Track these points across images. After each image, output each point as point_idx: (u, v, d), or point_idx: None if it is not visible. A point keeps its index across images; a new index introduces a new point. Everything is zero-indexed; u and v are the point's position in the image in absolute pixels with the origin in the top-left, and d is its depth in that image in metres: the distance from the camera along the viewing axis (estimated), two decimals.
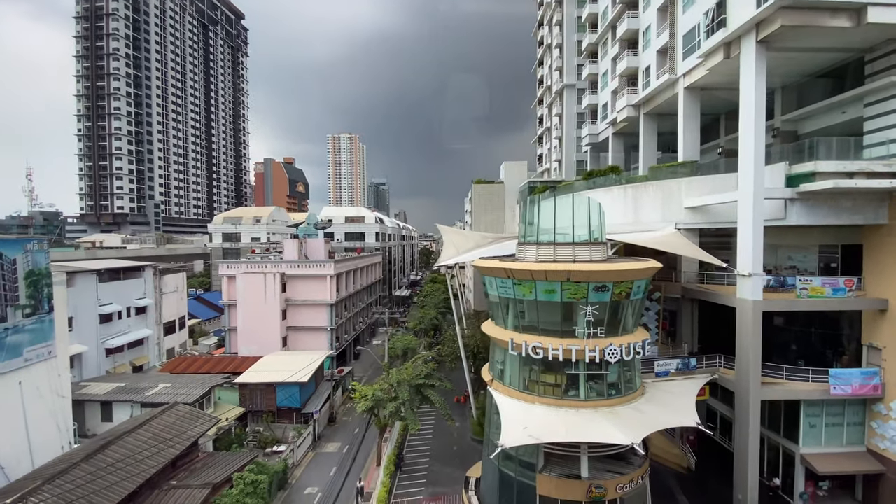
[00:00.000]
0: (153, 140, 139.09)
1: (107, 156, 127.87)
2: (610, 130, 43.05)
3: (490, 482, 25.27)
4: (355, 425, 39.56)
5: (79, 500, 19.26)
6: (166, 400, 30.48)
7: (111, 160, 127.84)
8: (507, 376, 24.29)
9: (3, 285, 22.59)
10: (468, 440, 35.76)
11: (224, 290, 49.15)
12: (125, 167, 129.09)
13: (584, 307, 21.56)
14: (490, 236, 47.27)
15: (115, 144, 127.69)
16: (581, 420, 21.13)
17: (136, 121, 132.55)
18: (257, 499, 23.57)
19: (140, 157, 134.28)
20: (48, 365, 25.14)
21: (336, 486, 29.72)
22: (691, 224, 29.28)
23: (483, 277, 26.07)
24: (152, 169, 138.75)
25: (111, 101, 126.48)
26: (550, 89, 64.46)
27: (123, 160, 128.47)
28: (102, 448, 22.44)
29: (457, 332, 37.16)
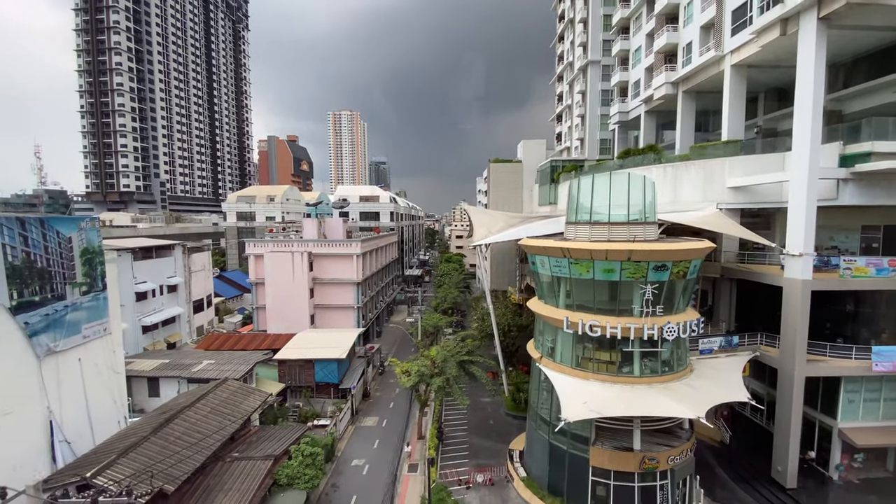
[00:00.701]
0: (157, 117, 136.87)
1: (111, 133, 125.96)
2: (642, 108, 42.50)
3: (538, 454, 26.03)
4: (389, 400, 40.41)
5: (156, 472, 19.85)
6: (213, 376, 31.00)
7: (115, 137, 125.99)
8: (557, 353, 24.73)
9: (62, 263, 22.67)
10: (502, 414, 36.63)
11: (251, 269, 49.34)
12: (130, 144, 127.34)
13: (644, 286, 21.80)
14: (518, 216, 47.28)
15: (118, 121, 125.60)
16: (638, 396, 21.64)
17: (139, 97, 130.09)
18: (315, 469, 24.31)
19: (144, 134, 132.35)
20: (104, 342, 25.46)
21: (381, 458, 30.56)
22: (733, 204, 29.30)
23: (532, 257, 26.21)
24: (156, 147, 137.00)
25: (113, 77, 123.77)
26: (572, 65, 63.23)
27: (128, 137, 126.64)
28: (167, 422, 22.96)
29: (490, 311, 37.55)
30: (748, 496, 26.07)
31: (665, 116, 43.51)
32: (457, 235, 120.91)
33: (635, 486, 22.59)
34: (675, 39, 36.56)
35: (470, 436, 32.96)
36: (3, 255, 19.60)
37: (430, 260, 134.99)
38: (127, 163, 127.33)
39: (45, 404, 21.76)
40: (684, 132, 36.84)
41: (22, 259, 20.44)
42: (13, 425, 20.09)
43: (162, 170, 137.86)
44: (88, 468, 19.32)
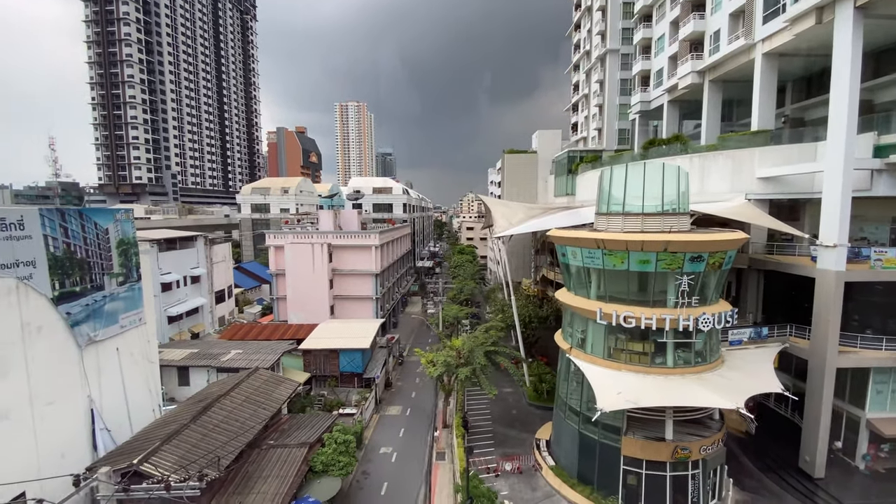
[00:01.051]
0: (167, 109, 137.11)
1: (122, 125, 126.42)
2: (665, 98, 41.98)
3: (567, 444, 26.25)
4: (410, 390, 40.80)
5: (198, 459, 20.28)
6: (242, 365, 31.45)
7: (127, 129, 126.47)
8: (588, 344, 24.81)
9: (100, 254, 22.97)
10: (524, 404, 36.92)
11: (271, 260, 49.71)
12: (141, 136, 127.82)
13: (679, 277, 21.75)
14: (537, 207, 47.13)
15: (130, 113, 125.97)
16: (673, 386, 21.72)
17: (149, 89, 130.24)
18: (349, 457, 24.72)
19: (155, 126, 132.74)
20: (139, 332, 25.85)
21: (408, 446, 30.97)
22: (763, 195, 29.03)
23: (562, 248, 26.19)
24: (167, 139, 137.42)
25: (124, 69, 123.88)
26: (589, 54, 62.47)
27: (139, 129, 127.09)
28: (205, 410, 23.39)
29: (511, 302, 37.64)
30: (776, 485, 26.21)
31: (687, 106, 42.99)
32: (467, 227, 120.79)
33: (667, 475, 22.76)
34: (702, 27, 35.96)
35: (494, 425, 33.28)
36: (46, 247, 19.90)
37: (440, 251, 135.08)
38: (139, 155, 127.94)
39: (87, 393, 22.20)
40: (710, 122, 36.40)
41: (63, 250, 20.72)
42: (58, 414, 20.54)
43: (173, 162, 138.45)
44: (134, 455, 19.77)
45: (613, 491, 23.54)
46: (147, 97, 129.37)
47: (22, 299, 18.72)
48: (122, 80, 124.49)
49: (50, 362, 20.05)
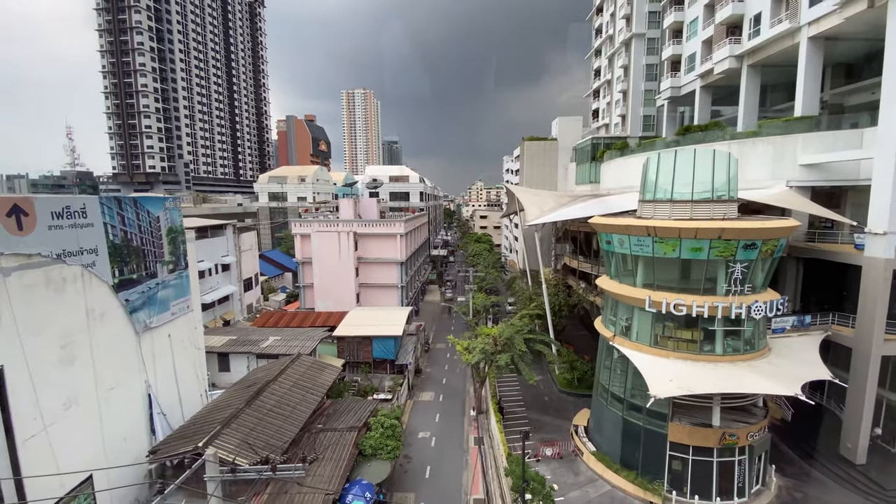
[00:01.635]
0: (178, 97, 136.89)
1: (135, 114, 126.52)
2: (698, 83, 41.31)
3: (609, 430, 26.51)
4: (440, 376, 41.25)
5: (258, 442, 20.75)
6: (281, 352, 31.93)
7: (140, 118, 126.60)
8: (633, 332, 24.88)
9: (152, 242, 23.24)
10: (556, 391, 37.24)
11: (297, 248, 50.03)
12: (154, 125, 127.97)
13: (732, 265, 21.67)
14: (566, 196, 46.89)
15: (142, 102, 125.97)
16: (725, 374, 21.79)
17: (161, 77, 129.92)
18: (395, 441, 25.17)
19: (167, 115, 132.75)
20: (187, 318, 26.27)
21: (445, 431, 31.44)
22: (805, 182, 28.67)
23: (607, 236, 26.11)
24: (179, 127, 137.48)
25: (136, 57, 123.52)
26: (612, 39, 61.42)
27: (152, 118, 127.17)
28: (257, 395, 23.82)
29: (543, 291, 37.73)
30: (816, 472, 26.41)
31: (720, 91, 42.30)
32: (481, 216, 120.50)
33: (714, 461, 22.98)
34: (741, 10, 35.17)
35: (528, 411, 33.63)
36: (106, 234, 20.16)
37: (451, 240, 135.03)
38: (152, 144, 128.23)
39: (144, 378, 22.69)
40: (747, 107, 35.83)
41: (121, 238, 20.99)
42: (120, 399, 21.03)
43: (185, 150, 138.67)
44: (197, 438, 20.24)
45: (658, 476, 23.82)
46: (159, 86, 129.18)
47: (87, 286, 19.05)
48: (133, 69, 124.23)
49: (112, 348, 20.47)
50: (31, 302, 16.50)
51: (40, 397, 16.81)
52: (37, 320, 16.69)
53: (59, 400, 17.71)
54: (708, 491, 23.19)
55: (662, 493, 23.26)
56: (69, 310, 18.19)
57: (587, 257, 54.12)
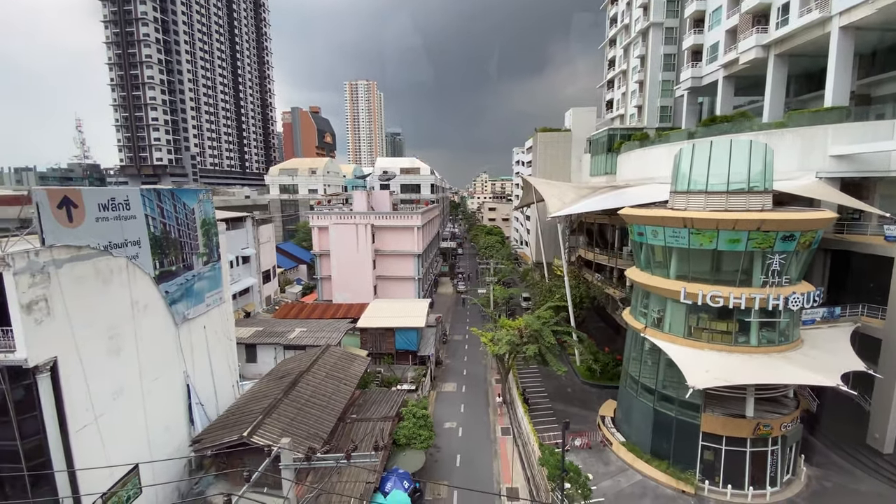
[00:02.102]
0: (185, 89, 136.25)
1: (142, 106, 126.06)
2: (721, 73, 40.88)
3: (638, 421, 26.68)
4: (459, 367, 41.49)
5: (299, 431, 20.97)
6: (309, 343, 32.14)
7: (146, 110, 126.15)
8: (666, 323, 24.93)
9: (188, 234, 23.31)
10: (578, 383, 37.44)
11: (315, 241, 50.11)
12: (160, 117, 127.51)
13: (771, 256, 21.64)
14: (585, 187, 46.75)
15: (149, 94, 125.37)
16: (759, 364, 21.88)
17: (167, 69, 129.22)
18: (428, 430, 25.40)
19: (174, 107, 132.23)
20: (220, 310, 26.43)
21: (470, 421, 31.69)
22: (834, 173, 28.44)
23: (639, 227, 26.05)
24: (185, 119, 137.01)
25: (142, 49, 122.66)
26: (628, 28, 60.74)
27: (158, 110, 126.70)
28: (293, 385, 24.03)
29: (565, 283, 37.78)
30: (844, 461, 26.60)
31: (742, 81, 41.88)
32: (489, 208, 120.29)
33: (747, 451, 23.16)
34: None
35: (553, 402, 33.87)
36: (147, 226, 20.22)
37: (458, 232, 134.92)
38: (158, 136, 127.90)
39: (183, 369, 22.90)
40: (774, 98, 35.49)
41: (160, 230, 21.05)
42: (162, 389, 21.25)
43: (192, 143, 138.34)
44: (241, 427, 20.47)
45: (690, 465, 24.03)
46: (165, 77, 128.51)
47: (131, 278, 19.16)
48: (140, 61, 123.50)
49: (154, 340, 20.64)
50: (82, 294, 16.62)
51: (91, 388, 17.01)
52: (87, 312, 16.83)
53: (109, 390, 17.92)
54: (740, 480, 23.40)
55: (695, 483, 23.48)
56: (115, 302, 18.32)
57: (603, 249, 54.15)
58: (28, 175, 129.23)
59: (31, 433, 15.49)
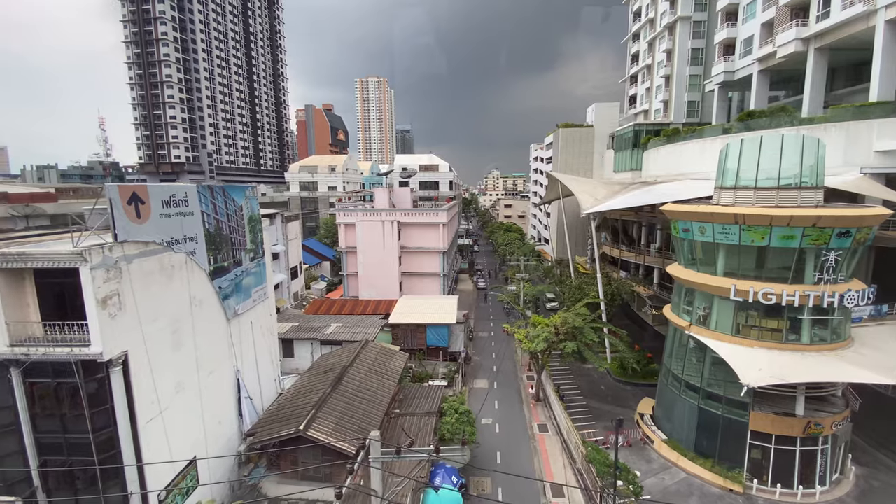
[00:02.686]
0: (201, 87, 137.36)
1: (160, 104, 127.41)
2: (755, 67, 40.21)
3: (681, 418, 26.50)
4: (488, 364, 41.51)
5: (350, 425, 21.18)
6: (345, 338, 32.39)
7: (165, 109, 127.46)
8: (713, 321, 24.69)
9: (238, 230, 23.56)
10: (610, 380, 37.30)
11: (341, 237, 50.38)
12: (178, 115, 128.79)
13: (826, 253, 21.32)
14: (616, 184, 46.38)
15: (167, 92, 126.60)
16: (812, 363, 21.60)
17: (184, 67, 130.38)
18: (470, 426, 25.48)
19: (191, 105, 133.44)
20: (265, 305, 26.73)
21: (506, 418, 31.72)
22: (880, 168, 27.85)
23: (684, 223, 25.79)
24: (202, 117, 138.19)
25: (160, 48, 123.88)
26: (653, 22, 59.98)
27: (176, 108, 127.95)
28: (339, 380, 24.25)
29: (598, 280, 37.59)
30: (891, 461, 26.23)
31: (777, 75, 41.19)
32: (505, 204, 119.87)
33: (797, 449, 22.91)
34: None
35: (587, 400, 33.78)
36: (202, 223, 20.47)
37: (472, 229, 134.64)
38: (176, 134, 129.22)
39: (233, 363, 23.21)
40: (814, 92, 34.86)
41: (214, 226, 21.30)
42: (216, 383, 21.56)
43: (208, 140, 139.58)
44: (295, 420, 20.72)
45: (738, 464, 23.84)
46: (182, 76, 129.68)
47: (190, 274, 19.44)
48: (158, 60, 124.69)
49: (209, 335, 20.93)
50: (148, 289, 16.91)
51: (157, 382, 17.32)
52: (153, 307, 17.12)
53: (171, 384, 18.23)
54: (789, 479, 23.18)
55: (743, 482, 23.29)
56: (177, 297, 18.61)
57: (629, 246, 53.71)
58: (50, 173, 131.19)
59: (102, 426, 15.83)
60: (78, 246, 15.19)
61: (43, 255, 14.54)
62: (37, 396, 15.80)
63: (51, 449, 16.17)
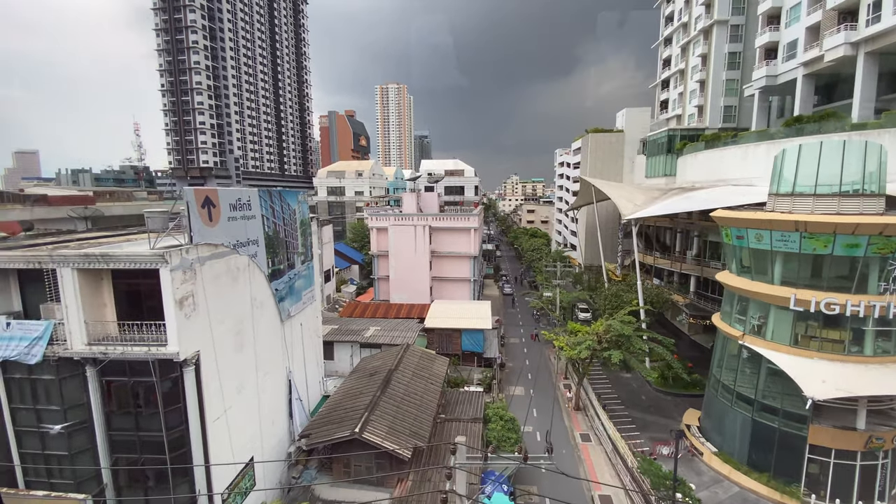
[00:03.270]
0: (229, 94, 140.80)
1: (190, 111, 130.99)
2: (800, 71, 39.33)
3: (733, 431, 25.82)
4: (523, 371, 41.16)
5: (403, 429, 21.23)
6: (385, 342, 32.56)
7: (194, 115, 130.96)
8: (769, 331, 24.07)
9: (291, 234, 23.99)
10: (650, 390, 36.61)
11: (373, 241, 50.84)
12: (207, 121, 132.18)
13: (893, 262, 20.63)
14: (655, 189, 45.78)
15: (196, 99, 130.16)
16: (877, 375, 20.87)
17: (213, 75, 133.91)
18: (516, 434, 25.31)
19: (219, 111, 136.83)
20: (312, 308, 27.10)
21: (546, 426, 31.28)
22: None
23: (738, 230, 25.26)
24: (230, 123, 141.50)
25: (191, 55, 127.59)
26: (687, 27, 59.26)
27: (205, 115, 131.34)
28: (387, 383, 24.36)
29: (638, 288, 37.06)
30: None
31: (822, 80, 40.17)
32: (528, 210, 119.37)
33: (857, 464, 22.11)
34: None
35: (629, 410, 33.22)
36: (262, 226, 20.90)
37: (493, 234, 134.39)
38: (205, 139, 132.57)
39: (286, 365, 23.56)
40: (864, 97, 33.88)
41: (272, 229, 21.74)
42: (271, 384, 21.91)
43: (235, 146, 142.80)
44: (349, 423, 20.86)
45: (795, 478, 23.10)
46: (212, 83, 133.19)
47: (252, 276, 19.85)
48: (189, 67, 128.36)
49: (266, 336, 21.30)
50: (217, 291, 17.31)
51: (222, 382, 17.67)
52: (221, 308, 17.50)
53: (234, 384, 18.58)
54: (848, 495, 22.38)
55: (801, 497, 22.55)
56: (240, 299, 19.02)
57: (663, 253, 52.91)
58: (84, 177, 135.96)
59: (175, 425, 16.18)
60: (155, 247, 15.67)
61: (125, 256, 15.02)
62: (113, 394, 16.27)
63: (123, 447, 16.59)
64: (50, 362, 15.67)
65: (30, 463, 17.04)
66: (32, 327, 15.69)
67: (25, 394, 16.26)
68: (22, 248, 16.39)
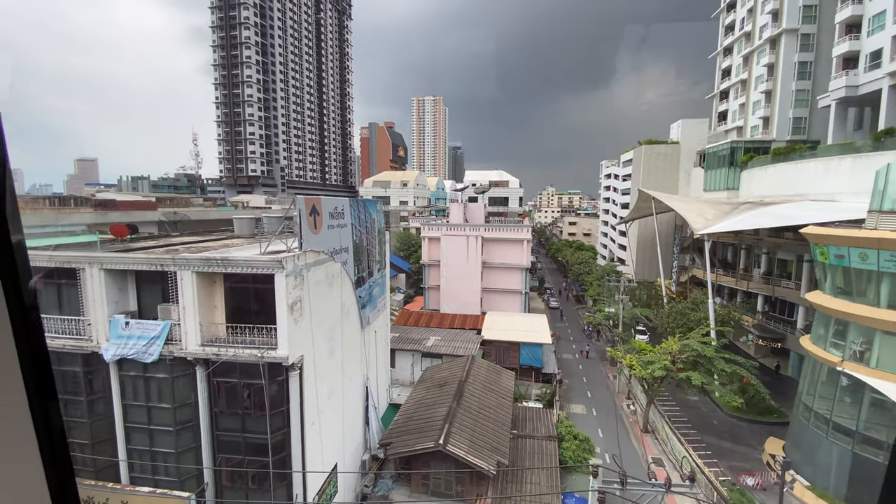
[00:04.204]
0: (277, 107, 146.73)
1: (241, 122, 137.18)
2: (886, 82, 37.09)
3: (828, 464, 24.01)
4: (581, 388, 40.03)
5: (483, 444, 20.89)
6: (446, 352, 32.43)
7: (245, 126, 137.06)
8: (873, 358, 22.36)
9: (372, 242, 24.38)
10: (721, 415, 34.75)
11: (424, 251, 51.16)
12: (256, 132, 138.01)
13: None
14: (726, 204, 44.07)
15: (247, 111, 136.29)
16: None
17: (263, 88, 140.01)
18: (591, 454, 24.46)
19: (267, 122, 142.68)
20: (384, 315, 27.34)
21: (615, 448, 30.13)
22: None
23: (837, 249, 23.79)
24: (277, 134, 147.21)
25: (244, 70, 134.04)
26: (750, 36, 57.31)
27: (255, 126, 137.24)
28: (460, 395, 24.13)
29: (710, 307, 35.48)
30: None
31: None
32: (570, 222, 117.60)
33: None
34: None
35: (702, 435, 31.57)
36: (351, 234, 21.31)
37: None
38: (254, 149, 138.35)
39: (364, 371, 23.76)
40: None
41: (358, 238, 22.13)
42: (353, 390, 22.12)
43: (281, 156, 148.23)
44: (431, 434, 20.70)
45: None
46: (262, 95, 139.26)
47: (342, 283, 20.20)
48: (241, 81, 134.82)
49: (351, 342, 21.58)
50: (318, 296, 17.68)
51: (318, 386, 17.93)
52: (319, 314, 17.84)
53: (327, 389, 18.83)
54: None
55: None
56: (334, 305, 19.36)
57: (725, 270, 50.67)
58: (143, 183, 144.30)
59: (279, 427, 16.49)
60: (265, 253, 16.16)
61: (244, 260, 15.56)
62: (221, 395, 16.77)
63: (228, 447, 17.01)
64: (165, 361, 16.34)
65: (136, 459, 17.74)
66: (150, 327, 16.42)
67: (139, 391, 16.99)
68: (144, 251, 17.30)
